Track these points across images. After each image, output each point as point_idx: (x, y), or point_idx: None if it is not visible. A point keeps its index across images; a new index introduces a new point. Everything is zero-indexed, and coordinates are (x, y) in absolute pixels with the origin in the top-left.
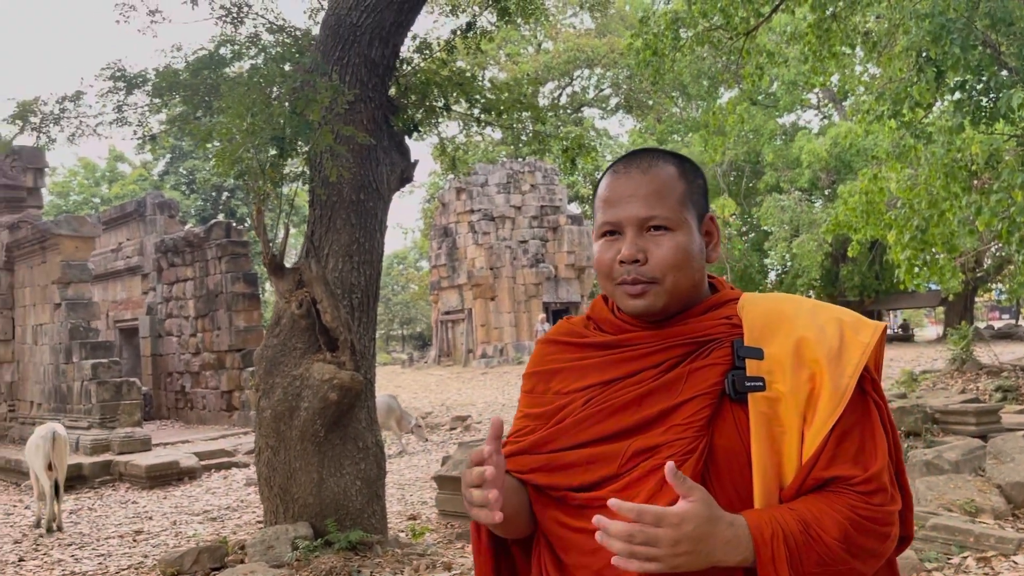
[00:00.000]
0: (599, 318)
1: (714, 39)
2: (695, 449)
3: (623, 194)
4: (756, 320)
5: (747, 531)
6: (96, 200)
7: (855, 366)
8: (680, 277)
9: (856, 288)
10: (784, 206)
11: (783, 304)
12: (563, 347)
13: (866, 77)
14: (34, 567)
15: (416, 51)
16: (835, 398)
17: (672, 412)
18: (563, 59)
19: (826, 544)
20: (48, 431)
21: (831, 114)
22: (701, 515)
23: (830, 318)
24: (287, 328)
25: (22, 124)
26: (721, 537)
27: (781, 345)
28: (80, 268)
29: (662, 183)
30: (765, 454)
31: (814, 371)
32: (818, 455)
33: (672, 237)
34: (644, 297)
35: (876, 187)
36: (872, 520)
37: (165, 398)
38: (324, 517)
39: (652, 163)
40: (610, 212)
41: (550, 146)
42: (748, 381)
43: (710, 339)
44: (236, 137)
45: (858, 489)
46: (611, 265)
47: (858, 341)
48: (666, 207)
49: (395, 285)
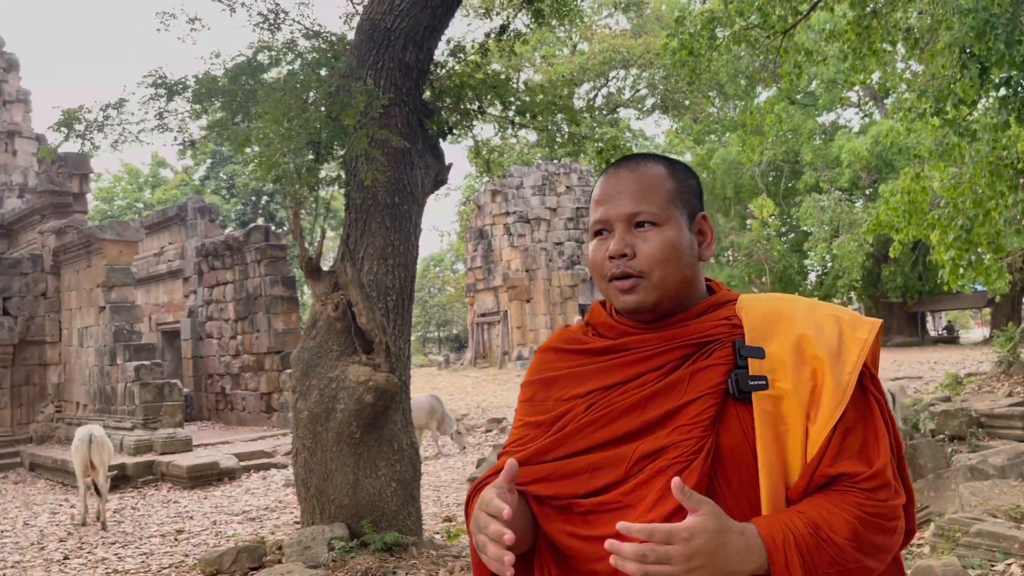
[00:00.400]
0: (598, 323)
1: (751, 38)
2: (701, 449)
3: (612, 193)
4: (756, 320)
5: (759, 539)
6: (139, 205)
7: (855, 362)
8: (668, 271)
9: (899, 289)
10: (824, 206)
11: (781, 304)
12: (562, 354)
13: (908, 74)
14: (78, 565)
15: (450, 54)
16: (837, 394)
17: (677, 413)
18: (599, 60)
19: (837, 545)
20: (86, 433)
21: (872, 112)
22: (711, 528)
23: (828, 316)
24: (323, 330)
25: (67, 132)
26: (733, 548)
27: (782, 344)
28: (124, 272)
29: (649, 180)
30: (771, 452)
31: (815, 368)
32: (823, 451)
33: (659, 232)
34: (634, 292)
35: (919, 186)
36: (879, 516)
37: (206, 399)
38: (360, 518)
39: (640, 163)
40: (600, 211)
41: (585, 147)
42: (751, 380)
43: (711, 340)
44: (273, 142)
45: (863, 486)
46: (602, 262)
47: (856, 338)
48: (653, 203)
49: (431, 287)
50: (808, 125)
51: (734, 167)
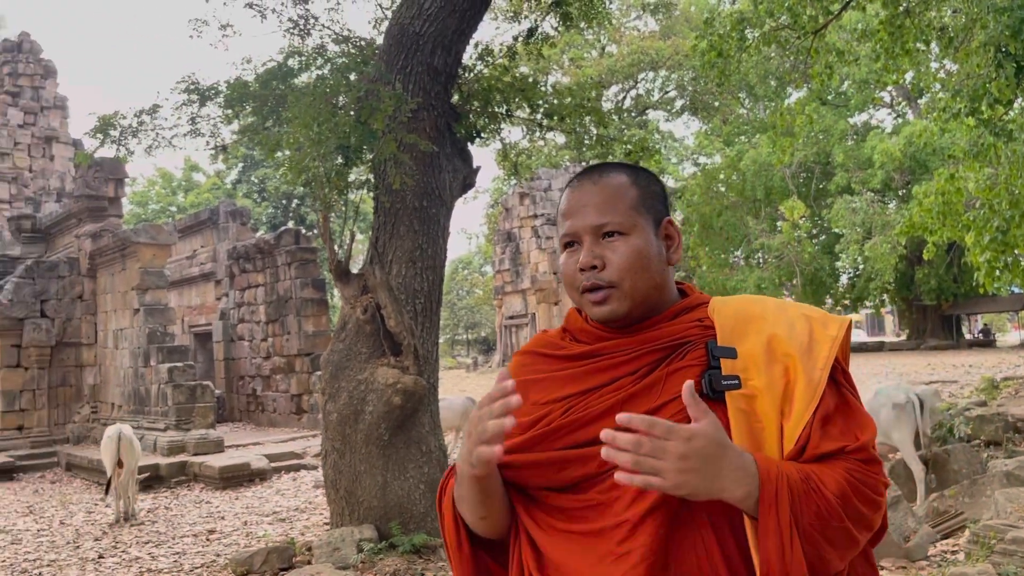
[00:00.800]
0: (574, 329)
1: (781, 39)
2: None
3: (577, 205)
4: (727, 321)
5: (755, 467)
6: (173, 209)
7: (826, 358)
8: (638, 279)
9: (933, 292)
10: (856, 208)
11: (751, 305)
12: (540, 358)
13: (942, 74)
14: (113, 564)
15: (478, 58)
16: (810, 390)
17: (654, 415)
18: (627, 62)
19: (825, 497)
20: (115, 431)
21: (905, 113)
22: (712, 436)
23: (798, 315)
24: (352, 333)
25: (103, 137)
26: (729, 463)
27: (753, 343)
28: (157, 275)
29: (612, 190)
30: (747, 449)
31: (787, 365)
32: (807, 438)
33: (626, 241)
34: (607, 303)
35: (953, 187)
36: (866, 484)
37: (237, 401)
38: (388, 520)
39: (603, 173)
40: (567, 224)
41: (614, 149)
42: (724, 380)
43: (684, 342)
44: (303, 146)
45: (853, 456)
46: (573, 275)
47: (827, 335)
48: (618, 213)
49: (460, 290)
50: (840, 126)
51: (764, 168)
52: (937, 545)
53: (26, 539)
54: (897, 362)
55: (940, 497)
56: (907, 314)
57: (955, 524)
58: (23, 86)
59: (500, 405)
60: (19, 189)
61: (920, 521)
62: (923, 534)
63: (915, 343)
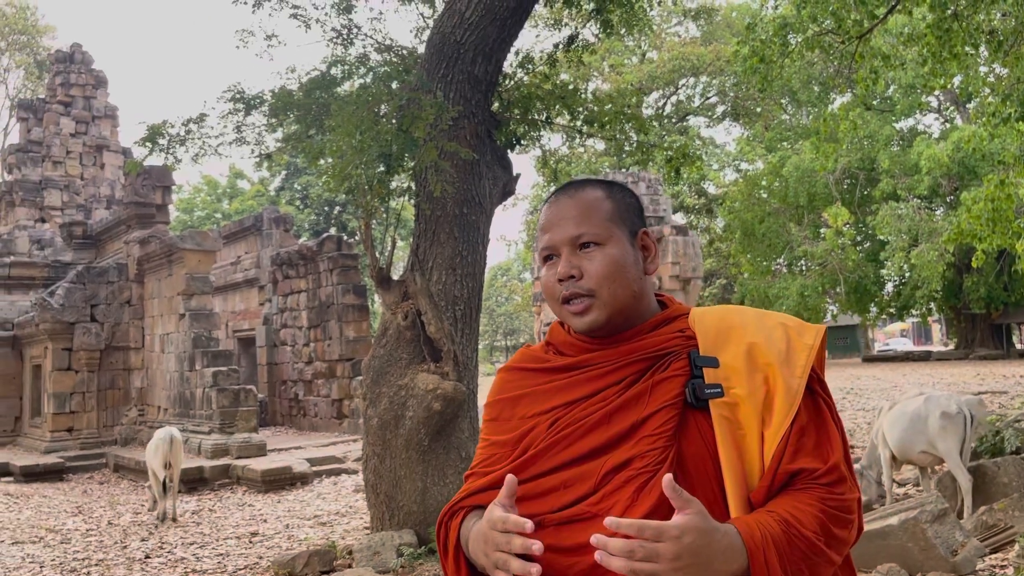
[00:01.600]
0: (558, 342)
1: (825, 43)
2: (666, 458)
3: (555, 219)
4: (709, 330)
5: (739, 539)
6: (218, 215)
7: (803, 367)
8: (616, 288)
9: (982, 300)
10: (902, 214)
11: (731, 315)
12: (525, 373)
13: (991, 78)
14: (159, 564)
15: (519, 66)
16: (789, 398)
17: (641, 425)
18: (668, 68)
19: (808, 539)
20: (166, 434)
21: (953, 117)
22: (699, 527)
23: (775, 324)
24: (393, 339)
25: (152, 146)
26: (718, 547)
27: (734, 353)
28: (203, 280)
29: (588, 204)
30: (732, 456)
31: (767, 374)
32: (783, 451)
33: (602, 251)
34: (588, 313)
35: (1003, 193)
36: (840, 509)
37: (279, 405)
38: (428, 525)
39: (579, 189)
40: (545, 237)
41: (654, 156)
42: (707, 388)
43: (667, 352)
44: (346, 154)
45: (822, 481)
46: (553, 286)
47: (803, 344)
48: (593, 224)
49: (499, 296)
50: (885, 131)
51: (807, 175)
52: (985, 559)
53: (75, 539)
54: (945, 372)
55: (989, 510)
56: (955, 323)
57: (1004, 538)
58: (75, 96)
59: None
60: (71, 196)
61: (968, 535)
62: (971, 548)
63: (963, 353)
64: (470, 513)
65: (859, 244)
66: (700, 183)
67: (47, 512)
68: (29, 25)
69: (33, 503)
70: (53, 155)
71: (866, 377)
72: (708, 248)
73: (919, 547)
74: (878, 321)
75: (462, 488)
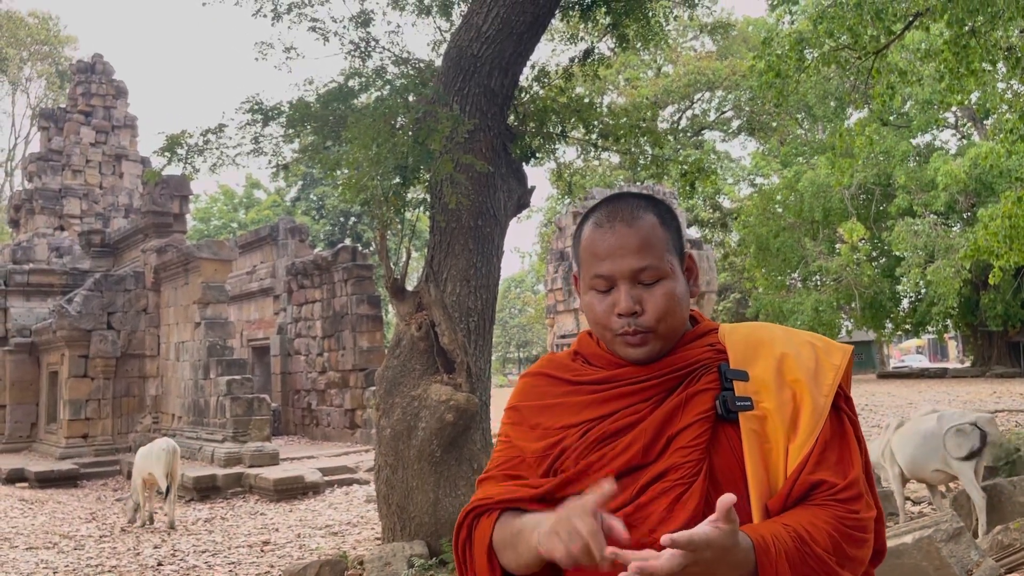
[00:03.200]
0: (588, 353)
1: (841, 59)
2: (700, 471)
3: (612, 247)
4: (738, 344)
5: (751, 552)
6: (234, 225)
7: (830, 385)
8: (673, 321)
9: (999, 318)
10: (918, 230)
11: (759, 331)
12: (551, 381)
13: (1009, 94)
14: (171, 571)
15: (535, 79)
16: (815, 415)
17: (675, 437)
18: (683, 82)
19: (818, 556)
20: (169, 445)
21: (970, 134)
22: (726, 544)
23: (803, 342)
24: (407, 350)
25: (170, 156)
26: (734, 558)
27: (764, 367)
28: (218, 289)
29: (647, 233)
30: (759, 469)
31: (795, 391)
32: (805, 462)
33: (663, 286)
34: (644, 346)
35: (1021, 210)
36: (856, 528)
37: (292, 414)
38: (439, 536)
39: (634, 214)
40: (602, 266)
41: (669, 170)
42: (738, 401)
43: (699, 365)
44: (362, 165)
45: (839, 497)
46: (607, 317)
47: (831, 363)
48: (655, 257)
49: (512, 308)
50: (901, 147)
51: (823, 190)
52: None
53: (88, 545)
54: (961, 389)
55: (1005, 530)
56: (971, 340)
57: (1020, 558)
58: (95, 106)
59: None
60: (90, 205)
61: (983, 554)
62: (986, 568)
63: (980, 370)
64: (503, 515)
65: (874, 260)
66: (715, 197)
67: (61, 518)
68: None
69: (47, 509)
70: (73, 164)
71: (881, 394)
72: (722, 262)
73: (933, 566)
74: (893, 337)
75: (482, 490)
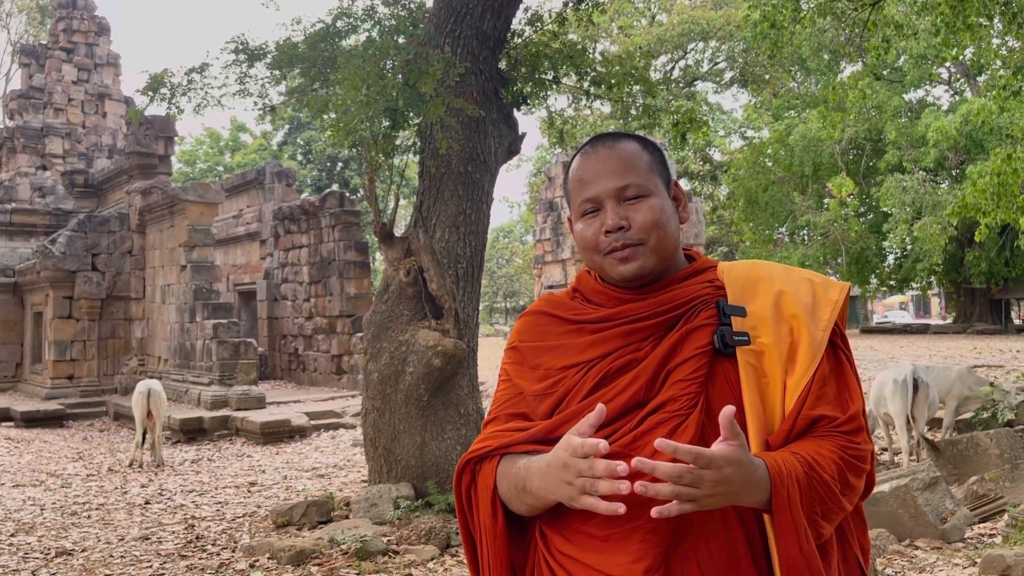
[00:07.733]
0: (587, 289)
1: (837, 10)
2: (697, 403)
3: (596, 171)
4: (737, 281)
5: (766, 473)
6: (220, 168)
7: (828, 320)
8: (662, 235)
9: (983, 275)
10: (906, 186)
11: (758, 268)
12: (552, 320)
13: (1004, 51)
14: (158, 510)
15: (527, 23)
16: (812, 349)
17: (674, 371)
18: (677, 32)
19: (825, 482)
20: (145, 387)
21: (963, 90)
22: (741, 459)
23: (801, 279)
24: (395, 295)
25: (153, 95)
26: (749, 477)
27: (762, 303)
28: (204, 232)
29: (628, 155)
30: (756, 402)
31: (793, 325)
32: (805, 397)
33: (647, 201)
34: (634, 259)
35: (1010, 168)
36: (856, 457)
37: (279, 359)
38: (425, 479)
39: (616, 141)
40: (588, 189)
41: (660, 120)
42: (735, 335)
43: (697, 301)
44: (351, 108)
45: (842, 429)
46: (596, 239)
47: (828, 299)
48: (637, 175)
49: (500, 258)
50: (893, 102)
51: (813, 144)
52: (974, 528)
53: (76, 483)
54: (942, 345)
55: (980, 480)
56: (955, 297)
57: (994, 508)
58: (77, 43)
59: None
60: (72, 144)
61: (958, 503)
62: (960, 516)
63: (961, 326)
64: (504, 459)
65: (862, 215)
66: (705, 149)
67: (48, 457)
68: None
69: (34, 448)
70: (55, 102)
71: (863, 348)
72: (711, 215)
73: (909, 514)
74: (878, 293)
75: (487, 432)
